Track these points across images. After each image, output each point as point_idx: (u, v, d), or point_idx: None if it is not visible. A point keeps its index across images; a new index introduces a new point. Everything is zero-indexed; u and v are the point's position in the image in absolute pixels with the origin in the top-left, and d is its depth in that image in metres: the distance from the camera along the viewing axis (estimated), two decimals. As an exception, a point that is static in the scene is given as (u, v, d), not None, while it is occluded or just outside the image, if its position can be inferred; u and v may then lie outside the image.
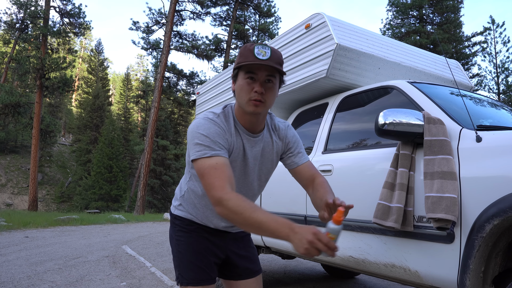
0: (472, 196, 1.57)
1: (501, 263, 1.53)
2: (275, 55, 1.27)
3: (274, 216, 1.09)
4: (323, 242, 0.99)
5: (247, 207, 1.11)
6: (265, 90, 1.28)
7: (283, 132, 1.52)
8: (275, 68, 1.25)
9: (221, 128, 1.30)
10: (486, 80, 23.63)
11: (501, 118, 2.28)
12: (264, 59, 1.24)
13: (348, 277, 4.20)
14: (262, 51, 1.25)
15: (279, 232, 1.06)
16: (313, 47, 2.81)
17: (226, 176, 1.19)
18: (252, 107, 1.28)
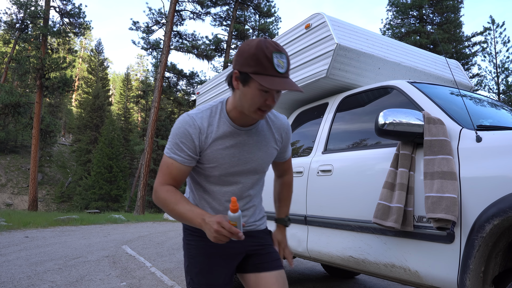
0: (472, 196, 1.57)
1: (501, 263, 1.53)
2: (289, 63, 1.24)
3: (192, 208, 1.25)
4: (226, 229, 1.13)
5: (172, 200, 1.28)
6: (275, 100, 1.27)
7: (284, 129, 1.53)
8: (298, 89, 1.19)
9: (195, 128, 1.31)
10: (486, 80, 23.65)
11: (501, 118, 2.28)
12: (283, 72, 1.20)
13: (348, 277, 4.20)
14: (281, 61, 1.19)
15: (194, 222, 1.22)
16: (313, 47, 2.81)
17: (172, 176, 1.32)
18: (258, 116, 1.28)
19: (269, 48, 1.18)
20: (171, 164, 1.32)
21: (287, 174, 1.67)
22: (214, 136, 1.33)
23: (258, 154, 1.42)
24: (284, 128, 1.53)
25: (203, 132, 1.32)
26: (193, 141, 1.30)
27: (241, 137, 1.37)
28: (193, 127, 1.30)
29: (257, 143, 1.41)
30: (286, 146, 1.59)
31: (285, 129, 1.54)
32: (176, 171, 1.31)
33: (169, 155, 1.32)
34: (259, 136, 1.42)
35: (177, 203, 1.26)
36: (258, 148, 1.42)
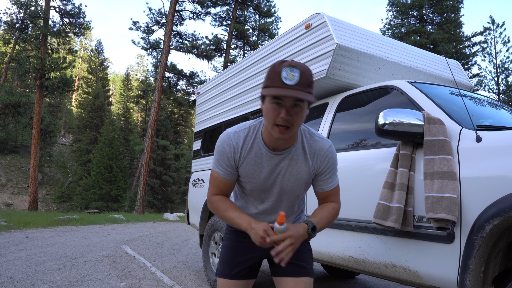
0: (472, 196, 1.57)
1: (501, 263, 1.53)
2: (304, 78, 1.22)
3: (240, 214, 1.43)
4: (270, 238, 1.29)
5: (223, 207, 1.47)
6: (292, 115, 1.25)
7: (321, 155, 1.45)
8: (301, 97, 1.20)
9: (228, 150, 1.44)
10: (486, 80, 23.63)
11: (501, 118, 2.28)
12: (292, 85, 1.20)
13: (348, 277, 4.20)
14: (290, 74, 1.20)
15: (242, 226, 1.39)
16: (313, 47, 2.81)
17: (218, 187, 1.51)
18: (277, 133, 1.29)
19: (282, 64, 1.23)
20: (216, 177, 1.50)
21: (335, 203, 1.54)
22: (246, 155, 1.44)
23: (286, 177, 1.46)
24: (322, 153, 1.45)
25: (237, 151, 1.44)
26: (229, 158, 1.45)
27: (273, 160, 1.43)
28: (229, 146, 1.44)
29: (288, 168, 1.45)
30: (325, 174, 1.47)
31: (323, 155, 1.45)
32: (221, 183, 1.50)
33: (214, 169, 1.50)
34: (292, 160, 1.44)
35: (227, 210, 1.46)
36: (287, 171, 1.45)
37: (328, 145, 1.47)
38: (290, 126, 1.27)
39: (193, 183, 4.32)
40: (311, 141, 1.46)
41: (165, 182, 29.86)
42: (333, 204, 1.52)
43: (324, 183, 1.49)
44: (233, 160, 1.45)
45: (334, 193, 1.53)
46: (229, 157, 1.44)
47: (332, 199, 1.53)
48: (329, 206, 1.51)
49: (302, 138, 1.45)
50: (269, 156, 1.43)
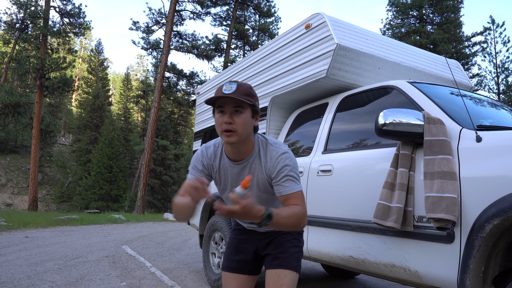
0: (472, 196, 1.57)
1: (501, 263, 1.53)
2: (241, 88, 1.43)
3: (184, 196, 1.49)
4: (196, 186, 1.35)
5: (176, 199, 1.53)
6: (235, 120, 1.44)
7: (272, 162, 1.54)
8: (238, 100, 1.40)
9: (203, 156, 1.64)
10: (486, 80, 23.62)
11: (501, 118, 2.28)
12: (229, 93, 1.40)
13: (348, 277, 4.20)
14: (228, 86, 1.42)
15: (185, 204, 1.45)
16: (313, 47, 2.81)
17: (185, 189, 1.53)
18: (225, 138, 1.46)
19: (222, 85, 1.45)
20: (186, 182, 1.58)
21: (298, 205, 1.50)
22: (217, 166, 1.63)
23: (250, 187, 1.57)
24: (274, 159, 1.53)
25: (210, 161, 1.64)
26: (202, 164, 1.64)
27: (235, 169, 1.60)
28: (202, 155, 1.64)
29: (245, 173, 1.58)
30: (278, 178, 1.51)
31: (274, 161, 1.52)
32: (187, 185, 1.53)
33: (188, 177, 1.64)
34: (251, 169, 1.58)
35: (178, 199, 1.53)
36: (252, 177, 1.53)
37: (281, 151, 1.54)
38: (234, 131, 1.43)
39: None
40: (267, 149, 1.57)
41: (165, 182, 29.86)
42: (296, 206, 1.47)
43: (281, 188, 1.50)
44: (206, 166, 1.64)
45: (294, 197, 1.49)
46: (204, 166, 1.63)
47: (293, 202, 1.48)
48: (292, 206, 1.47)
49: (259, 148, 1.58)
50: (232, 166, 1.60)
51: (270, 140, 1.60)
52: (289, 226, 1.45)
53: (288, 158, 1.53)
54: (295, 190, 1.50)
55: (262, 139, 1.60)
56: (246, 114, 1.45)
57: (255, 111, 1.50)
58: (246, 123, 1.46)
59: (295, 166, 1.54)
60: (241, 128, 1.44)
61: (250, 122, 1.48)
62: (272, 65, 3.32)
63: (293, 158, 1.56)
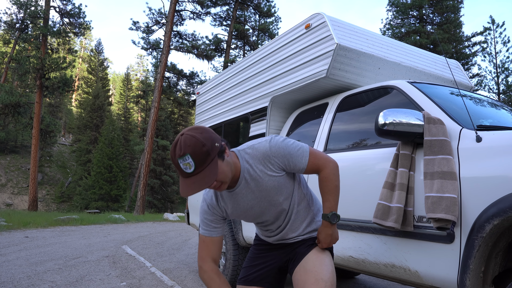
0: (472, 196, 1.57)
1: (501, 263, 1.53)
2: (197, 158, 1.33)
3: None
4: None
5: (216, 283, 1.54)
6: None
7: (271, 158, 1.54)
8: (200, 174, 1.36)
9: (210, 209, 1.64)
10: (486, 80, 23.62)
11: (501, 118, 2.28)
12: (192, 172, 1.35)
13: (348, 277, 4.20)
14: (186, 164, 1.34)
15: None
16: (313, 47, 2.81)
17: (209, 250, 1.61)
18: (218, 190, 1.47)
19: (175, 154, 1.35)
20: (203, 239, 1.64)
21: (321, 170, 1.61)
22: (225, 204, 1.63)
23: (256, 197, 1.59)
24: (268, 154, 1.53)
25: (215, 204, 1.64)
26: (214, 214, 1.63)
27: (237, 195, 1.59)
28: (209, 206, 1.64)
29: (249, 191, 1.58)
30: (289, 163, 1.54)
31: (270, 155, 1.53)
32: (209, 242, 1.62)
33: (200, 232, 1.65)
34: (247, 184, 1.57)
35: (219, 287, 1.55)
36: (252, 193, 1.59)
37: (268, 143, 1.54)
38: (221, 183, 1.44)
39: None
40: (253, 155, 1.55)
41: (165, 182, 29.86)
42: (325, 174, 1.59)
43: (297, 168, 1.57)
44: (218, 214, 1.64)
45: (311, 163, 1.57)
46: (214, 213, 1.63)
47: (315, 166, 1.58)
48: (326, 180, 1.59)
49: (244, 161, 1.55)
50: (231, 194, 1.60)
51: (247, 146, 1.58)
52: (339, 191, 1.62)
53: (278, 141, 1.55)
54: (307, 158, 1.56)
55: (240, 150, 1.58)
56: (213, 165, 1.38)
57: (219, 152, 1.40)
58: (223, 170, 1.42)
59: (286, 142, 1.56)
60: (223, 177, 1.43)
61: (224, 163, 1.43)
62: (272, 65, 3.32)
63: (278, 137, 1.57)
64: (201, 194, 3.98)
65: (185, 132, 1.37)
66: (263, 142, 1.55)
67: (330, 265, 1.60)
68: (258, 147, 1.55)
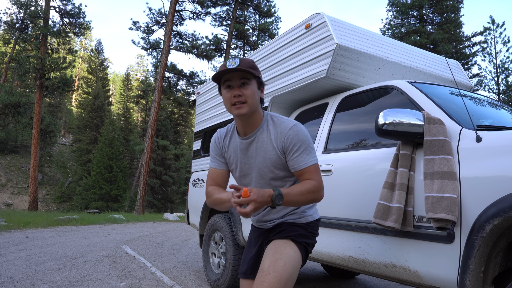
0: (472, 196, 1.57)
1: (501, 263, 1.53)
2: (244, 62, 1.48)
3: (224, 191, 1.60)
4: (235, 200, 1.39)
5: (212, 191, 1.64)
6: (243, 92, 1.49)
7: (283, 135, 1.54)
8: (243, 70, 1.46)
9: (216, 141, 1.72)
10: (486, 80, 23.62)
11: (501, 118, 2.28)
12: (233, 67, 1.45)
13: (348, 277, 4.20)
14: (232, 62, 1.47)
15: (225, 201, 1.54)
16: (313, 47, 2.81)
17: (212, 177, 1.72)
18: (235, 110, 1.51)
19: (224, 64, 1.48)
20: (210, 169, 1.74)
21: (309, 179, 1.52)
22: (227, 144, 1.70)
23: (258, 160, 1.61)
24: (284, 132, 1.53)
25: (221, 141, 1.71)
26: (217, 148, 1.72)
27: (243, 145, 1.63)
28: (216, 138, 1.73)
29: (256, 150, 1.61)
30: (292, 152, 1.52)
31: (285, 134, 1.53)
32: (214, 173, 1.72)
33: (210, 164, 1.76)
34: (258, 143, 1.60)
35: (215, 193, 1.62)
36: (257, 154, 1.61)
37: (292, 124, 1.55)
38: (244, 102, 1.49)
39: (193, 183, 4.32)
40: (276, 123, 1.58)
41: (165, 182, 29.86)
42: (309, 180, 1.51)
43: (295, 162, 1.53)
44: (220, 149, 1.71)
45: (308, 171, 1.52)
46: (218, 147, 1.71)
47: (307, 176, 1.52)
48: (304, 181, 1.51)
49: (267, 122, 1.60)
50: (240, 142, 1.63)
51: (278, 115, 1.64)
52: (304, 202, 1.50)
53: (300, 130, 1.53)
54: (310, 164, 1.52)
55: (269, 113, 1.64)
56: (253, 85, 1.51)
57: (260, 83, 1.57)
58: (254, 93, 1.51)
59: (307, 137, 1.54)
60: (250, 99, 1.49)
61: (257, 93, 1.54)
62: (272, 65, 3.32)
63: (305, 130, 1.55)
64: (202, 195, 3.98)
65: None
66: (289, 121, 1.56)
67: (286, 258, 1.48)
68: (283, 121, 1.57)
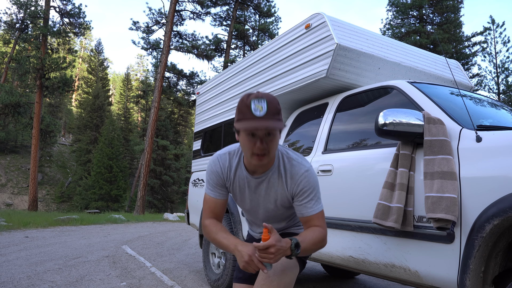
0: (472, 196, 1.57)
1: (501, 263, 1.53)
2: (272, 107, 1.32)
3: (228, 236, 1.47)
4: (255, 263, 1.30)
5: (213, 230, 1.53)
6: (267, 143, 1.37)
7: (296, 179, 1.49)
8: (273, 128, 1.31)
9: (220, 168, 1.57)
10: (486, 80, 23.62)
11: (501, 118, 2.28)
12: (261, 116, 1.30)
13: (348, 277, 4.20)
14: (259, 106, 1.30)
15: (229, 249, 1.42)
16: (313, 47, 2.81)
17: (210, 208, 1.59)
18: (256, 161, 1.41)
19: (249, 97, 1.33)
20: (207, 199, 1.60)
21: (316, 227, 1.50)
22: (232, 177, 1.58)
23: (266, 199, 1.58)
24: (296, 177, 1.48)
25: (224, 171, 1.57)
26: (218, 176, 1.57)
27: (252, 183, 1.56)
28: (217, 165, 1.57)
29: (266, 190, 1.56)
30: (301, 198, 1.49)
31: (297, 179, 1.48)
32: (212, 204, 1.59)
33: (205, 192, 1.61)
34: (269, 183, 1.54)
35: (217, 233, 1.51)
36: (266, 193, 1.57)
37: (304, 169, 1.49)
38: (267, 153, 1.39)
39: (193, 183, 4.32)
40: (289, 165, 1.52)
41: (165, 182, 29.85)
42: (318, 228, 1.48)
43: (303, 208, 1.49)
44: (221, 178, 1.57)
45: (316, 218, 1.49)
46: (219, 175, 1.57)
47: (315, 223, 1.49)
48: (314, 229, 1.48)
49: (279, 162, 1.53)
50: (249, 179, 1.55)
51: (291, 153, 1.55)
52: (313, 250, 1.49)
53: (311, 176, 1.49)
54: (317, 211, 1.50)
55: (284, 152, 1.55)
56: (276, 135, 1.39)
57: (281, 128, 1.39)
58: (277, 143, 1.42)
59: (316, 184, 1.51)
60: (273, 150, 1.40)
61: (278, 139, 1.43)
62: (272, 65, 3.32)
63: (315, 175, 1.52)
64: (202, 195, 3.98)
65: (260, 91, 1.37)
66: (301, 165, 1.50)
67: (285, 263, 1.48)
68: (295, 164, 1.51)
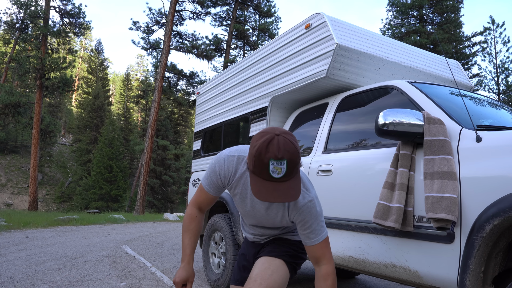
0: (472, 196, 1.57)
1: (501, 263, 1.53)
2: (291, 167, 1.21)
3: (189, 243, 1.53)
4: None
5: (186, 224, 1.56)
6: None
7: (297, 209, 1.46)
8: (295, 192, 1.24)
9: (224, 171, 1.51)
10: (486, 80, 23.62)
11: (501, 118, 2.28)
12: (278, 178, 1.20)
13: (348, 277, 4.20)
14: (278, 168, 1.19)
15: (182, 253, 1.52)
16: (313, 47, 2.81)
17: (200, 198, 1.59)
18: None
19: (269, 153, 1.18)
20: (201, 189, 1.59)
21: (323, 264, 1.46)
22: (235, 184, 1.54)
23: (266, 215, 1.57)
24: (297, 207, 1.46)
25: (227, 175, 1.52)
26: (217, 178, 1.52)
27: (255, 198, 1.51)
28: (220, 167, 1.51)
29: (267, 208, 1.55)
30: (302, 227, 1.46)
31: (298, 209, 1.46)
32: (203, 195, 1.58)
33: (202, 181, 1.60)
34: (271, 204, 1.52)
35: (186, 231, 1.55)
36: (267, 211, 1.55)
37: (307, 200, 1.45)
38: None
39: (193, 183, 4.32)
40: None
41: (165, 182, 29.85)
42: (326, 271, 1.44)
43: (306, 238, 1.47)
44: (221, 181, 1.53)
45: (320, 247, 1.46)
46: (219, 177, 1.52)
47: (319, 252, 1.46)
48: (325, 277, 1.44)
49: None
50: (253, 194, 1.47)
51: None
52: None
53: (313, 207, 1.46)
54: (320, 241, 1.47)
55: None
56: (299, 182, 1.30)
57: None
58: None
59: (319, 214, 1.48)
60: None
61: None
62: (272, 65, 3.32)
63: (318, 205, 1.48)
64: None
65: (281, 134, 1.22)
66: (306, 194, 1.47)
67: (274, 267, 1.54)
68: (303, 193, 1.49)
